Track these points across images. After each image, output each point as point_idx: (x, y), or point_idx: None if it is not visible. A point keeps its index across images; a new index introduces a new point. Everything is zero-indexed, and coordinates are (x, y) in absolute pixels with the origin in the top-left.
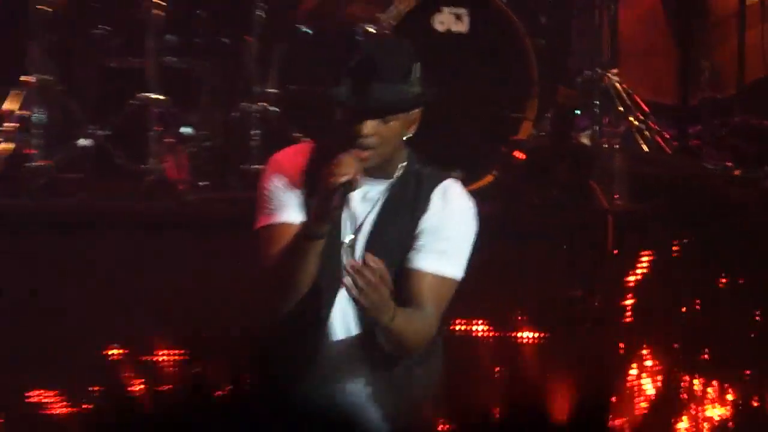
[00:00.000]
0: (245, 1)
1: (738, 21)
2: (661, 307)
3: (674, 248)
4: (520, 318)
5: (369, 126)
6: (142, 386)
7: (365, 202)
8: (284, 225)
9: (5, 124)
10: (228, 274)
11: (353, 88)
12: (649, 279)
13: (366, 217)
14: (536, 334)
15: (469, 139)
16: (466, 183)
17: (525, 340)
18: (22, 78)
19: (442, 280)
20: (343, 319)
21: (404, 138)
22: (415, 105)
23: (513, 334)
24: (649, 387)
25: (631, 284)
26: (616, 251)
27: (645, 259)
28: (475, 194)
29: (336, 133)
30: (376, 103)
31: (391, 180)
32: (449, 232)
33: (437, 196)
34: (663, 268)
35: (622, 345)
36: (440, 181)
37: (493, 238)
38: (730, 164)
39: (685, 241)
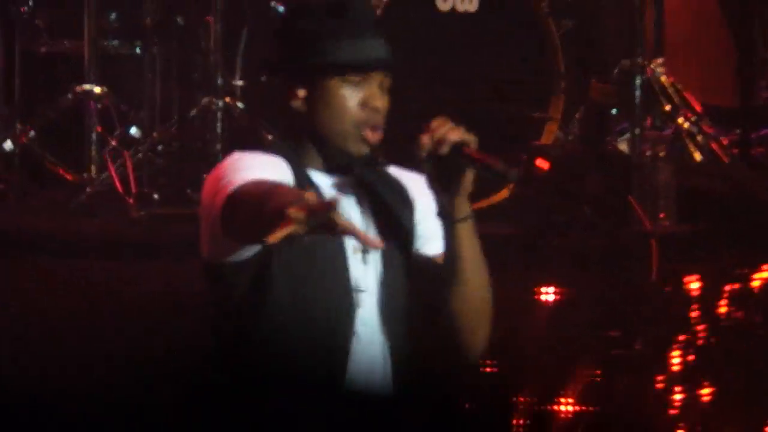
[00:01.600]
0: None
1: None
2: (718, 351)
3: (732, 279)
4: (543, 366)
5: (380, 95)
6: None
7: (343, 195)
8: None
9: None
10: (187, 303)
11: (358, 51)
12: (702, 316)
13: (362, 214)
14: (566, 386)
15: (479, 144)
16: (477, 197)
17: (549, 396)
18: None
19: None
20: (365, 352)
21: None
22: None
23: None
24: None
25: (680, 323)
26: (661, 282)
27: (696, 293)
28: (489, 212)
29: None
30: (387, 63)
31: (355, 169)
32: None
33: (406, 177)
34: (718, 304)
35: (670, 398)
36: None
37: (511, 264)
38: None
39: (745, 270)
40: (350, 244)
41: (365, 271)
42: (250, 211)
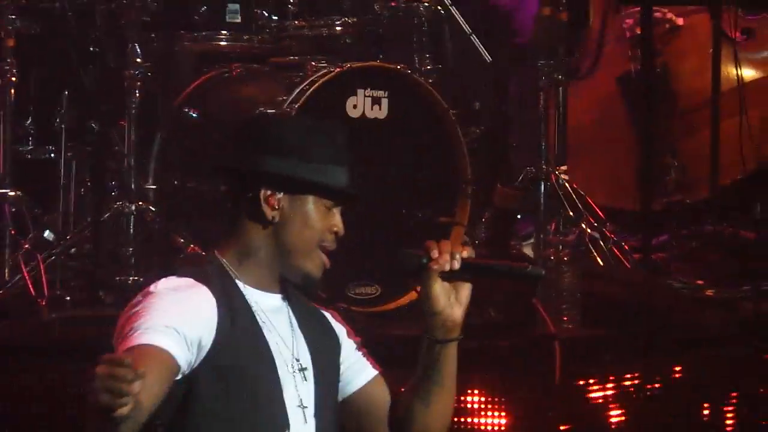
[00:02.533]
0: (118, 78)
1: (711, 109)
2: None
3: (633, 382)
4: None
5: (342, 224)
6: None
7: (276, 314)
8: (175, 362)
9: None
10: None
11: (345, 173)
12: (602, 418)
13: (293, 336)
14: None
15: (387, 249)
16: (382, 301)
17: None
18: None
19: None
20: None
21: None
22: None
23: None
24: None
25: (583, 426)
26: (563, 384)
27: (598, 395)
28: (395, 314)
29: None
30: (356, 197)
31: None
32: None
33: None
34: (619, 406)
35: None
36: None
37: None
38: (701, 282)
39: (646, 374)
40: (285, 363)
41: (307, 388)
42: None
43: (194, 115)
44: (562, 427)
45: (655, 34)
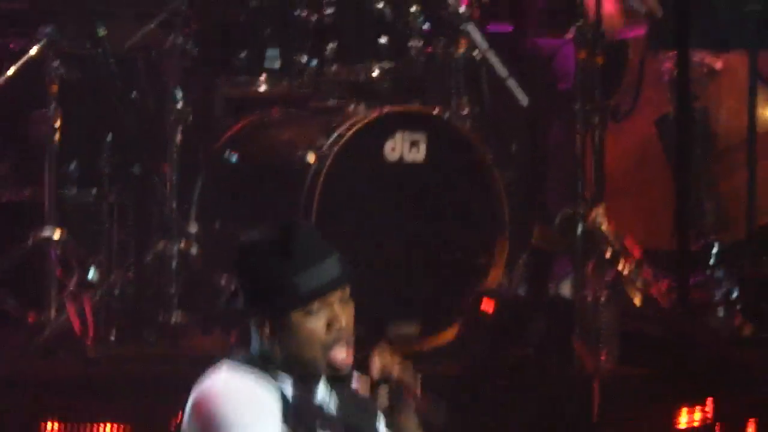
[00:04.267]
0: (159, 123)
1: (747, 151)
2: None
3: (675, 422)
4: None
5: (342, 311)
6: None
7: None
8: None
9: None
10: None
11: (315, 274)
12: None
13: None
14: None
15: (426, 289)
16: (420, 340)
17: None
18: None
19: None
20: None
21: None
22: None
23: None
24: None
25: None
26: (603, 425)
27: None
28: (433, 354)
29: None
30: (343, 278)
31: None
32: None
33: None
34: None
35: None
36: None
37: (454, 406)
38: (739, 322)
39: (687, 413)
40: None
41: None
42: None
43: (234, 158)
44: None
45: (693, 77)
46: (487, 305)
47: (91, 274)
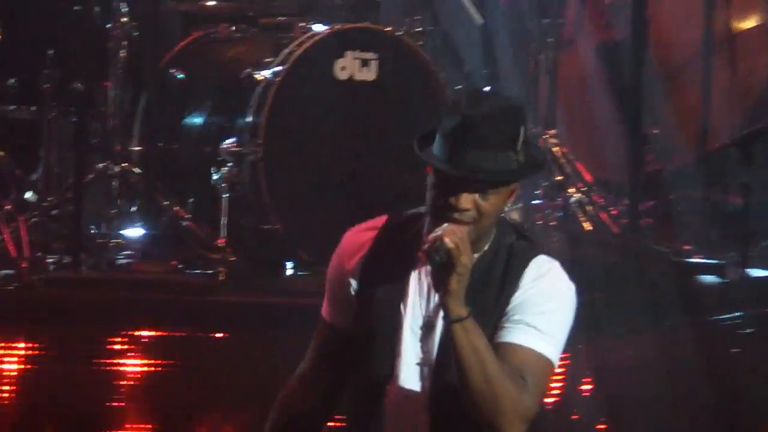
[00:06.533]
0: (102, 40)
1: (702, 70)
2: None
3: (622, 349)
4: None
5: (467, 199)
6: None
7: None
8: (328, 326)
9: None
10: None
11: (451, 153)
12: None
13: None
14: None
15: (374, 206)
16: None
17: None
18: None
19: (539, 356)
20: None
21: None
22: (522, 176)
23: None
24: None
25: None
26: None
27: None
28: None
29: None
30: (478, 175)
31: (479, 254)
32: (544, 309)
33: (531, 273)
34: (604, 377)
35: None
36: (534, 256)
37: None
38: (688, 248)
39: (634, 339)
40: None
41: (427, 346)
42: None
43: (180, 76)
44: None
45: None
46: None
47: (29, 194)
